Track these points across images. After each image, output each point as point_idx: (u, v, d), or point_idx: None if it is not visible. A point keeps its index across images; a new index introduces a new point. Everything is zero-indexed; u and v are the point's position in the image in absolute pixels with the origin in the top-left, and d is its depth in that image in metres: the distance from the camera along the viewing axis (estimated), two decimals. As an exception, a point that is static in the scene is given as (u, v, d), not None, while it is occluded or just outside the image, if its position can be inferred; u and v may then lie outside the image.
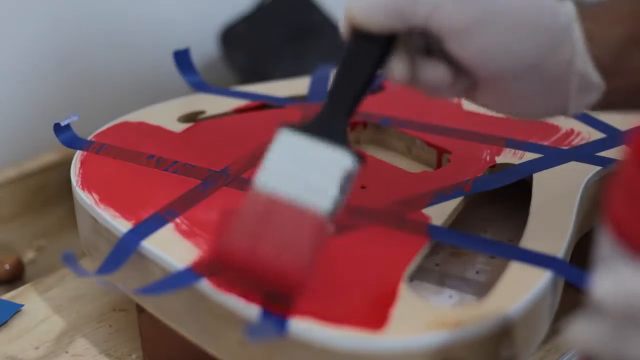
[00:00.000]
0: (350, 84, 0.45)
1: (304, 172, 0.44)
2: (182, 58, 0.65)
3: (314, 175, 0.44)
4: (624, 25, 0.43)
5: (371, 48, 0.44)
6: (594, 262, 0.36)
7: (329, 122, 0.45)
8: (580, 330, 0.33)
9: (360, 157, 0.44)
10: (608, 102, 0.45)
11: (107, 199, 0.53)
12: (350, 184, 0.44)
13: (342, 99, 0.45)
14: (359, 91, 0.45)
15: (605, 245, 0.34)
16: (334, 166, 0.44)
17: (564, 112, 0.45)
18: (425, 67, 0.44)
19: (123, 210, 0.52)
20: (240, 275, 0.44)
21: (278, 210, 0.43)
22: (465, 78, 0.44)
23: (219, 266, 0.45)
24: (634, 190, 0.33)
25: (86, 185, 0.54)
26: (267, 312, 0.44)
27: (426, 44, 0.44)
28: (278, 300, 0.44)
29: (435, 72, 0.44)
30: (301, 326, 0.43)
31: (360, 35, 0.44)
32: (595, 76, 0.43)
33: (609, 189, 0.34)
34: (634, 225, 0.33)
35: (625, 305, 0.32)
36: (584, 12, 0.43)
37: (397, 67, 0.44)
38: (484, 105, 0.46)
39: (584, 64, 0.43)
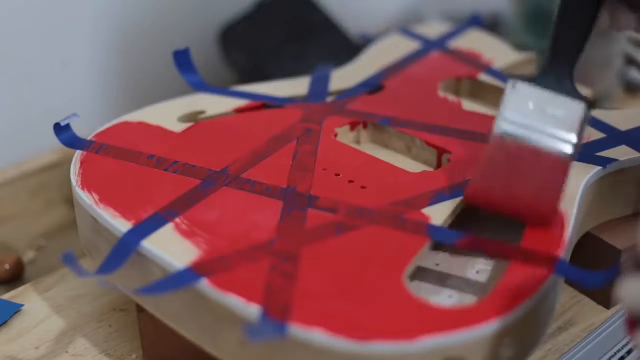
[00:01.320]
0: (571, 33, 0.49)
1: (542, 120, 0.49)
2: (182, 58, 0.65)
3: (552, 123, 0.49)
4: None
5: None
6: None
7: (557, 72, 0.50)
8: (633, 290, 0.34)
9: (590, 103, 0.50)
10: None
11: (107, 199, 0.53)
12: (585, 128, 0.50)
13: (565, 49, 0.50)
14: (581, 39, 0.49)
15: None
16: (568, 114, 0.49)
17: None
18: (620, 13, 0.51)
19: (123, 210, 0.52)
20: (495, 211, 0.51)
21: (526, 155, 0.50)
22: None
23: (472, 205, 0.52)
24: None
25: (86, 185, 0.54)
26: (266, 313, 0.44)
27: None
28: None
29: (627, 20, 0.51)
30: (301, 327, 0.43)
31: None
32: None
33: None
34: None
35: None
36: None
37: (603, 16, 0.50)
38: None
39: None
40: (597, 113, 0.64)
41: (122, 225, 0.51)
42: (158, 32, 0.84)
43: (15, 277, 0.67)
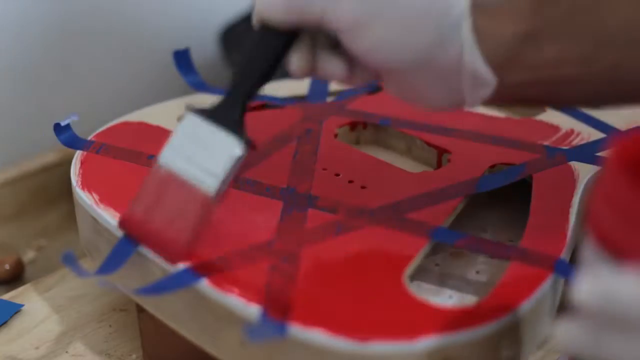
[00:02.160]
0: (250, 74, 0.48)
1: (198, 153, 0.48)
2: (182, 58, 0.65)
3: (206, 157, 0.48)
4: (519, 21, 0.43)
5: (273, 41, 0.47)
6: (578, 265, 0.36)
7: (228, 109, 0.48)
8: (564, 331, 0.34)
9: (250, 145, 0.48)
10: (506, 97, 0.46)
11: (107, 199, 0.53)
12: (237, 168, 0.48)
13: (241, 88, 0.48)
14: (257, 81, 0.48)
15: (588, 248, 0.35)
16: (224, 150, 0.48)
17: (461, 105, 0.46)
18: (322, 61, 0.47)
19: (123, 210, 0.52)
20: (139, 240, 0.49)
21: (172, 185, 0.48)
22: (366, 69, 0.46)
23: (124, 231, 0.50)
24: (613, 195, 0.33)
25: (86, 185, 0.54)
26: (266, 313, 0.44)
27: (332, 38, 0.46)
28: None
29: (330, 65, 0.47)
30: (301, 327, 0.43)
31: (265, 29, 0.47)
32: (486, 72, 0.44)
33: (592, 195, 0.35)
34: (612, 230, 0.34)
35: (603, 306, 0.32)
36: (480, 7, 0.44)
37: (294, 60, 0.47)
38: (390, 93, 0.48)
39: (474, 60, 0.44)
40: (597, 113, 0.64)
41: (122, 225, 0.51)
42: (158, 32, 0.84)
43: (15, 277, 0.67)
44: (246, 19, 0.84)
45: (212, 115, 0.48)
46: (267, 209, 0.52)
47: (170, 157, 0.49)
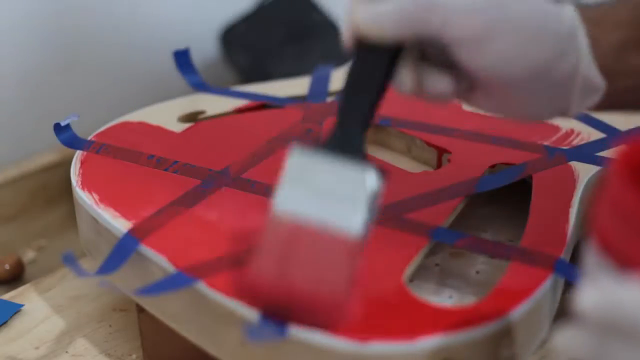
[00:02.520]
0: (362, 98, 0.43)
1: (327, 193, 0.41)
2: (182, 58, 0.65)
3: (338, 197, 0.41)
4: (623, 28, 0.44)
5: (380, 59, 0.42)
6: (580, 273, 0.36)
7: (346, 139, 0.42)
8: (565, 339, 0.34)
9: (384, 172, 0.42)
10: (607, 103, 0.46)
11: (107, 199, 0.53)
12: (377, 202, 0.42)
13: (355, 114, 0.43)
14: (372, 104, 0.43)
15: (591, 256, 0.35)
16: (358, 185, 0.41)
17: (564, 114, 0.46)
18: (430, 78, 0.43)
19: (123, 210, 0.52)
20: (274, 306, 0.42)
21: (305, 236, 0.41)
22: (464, 83, 0.44)
23: (251, 299, 0.43)
24: (618, 203, 0.33)
25: (86, 185, 0.54)
26: (267, 313, 0.44)
27: (423, 51, 0.43)
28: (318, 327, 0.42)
29: (439, 83, 0.43)
30: (301, 327, 0.43)
31: (367, 46, 0.42)
32: (598, 78, 0.44)
33: (595, 201, 0.34)
34: (616, 239, 0.33)
35: (606, 315, 0.32)
36: (586, 16, 0.44)
37: (403, 79, 0.43)
38: (478, 107, 0.46)
39: (588, 67, 0.44)
40: (597, 113, 0.64)
41: (122, 225, 0.51)
42: (158, 32, 0.84)
43: (15, 277, 0.67)
44: (246, 19, 0.84)
45: (328, 149, 0.42)
46: (267, 209, 0.52)
47: (292, 203, 0.41)
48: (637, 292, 0.32)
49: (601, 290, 0.32)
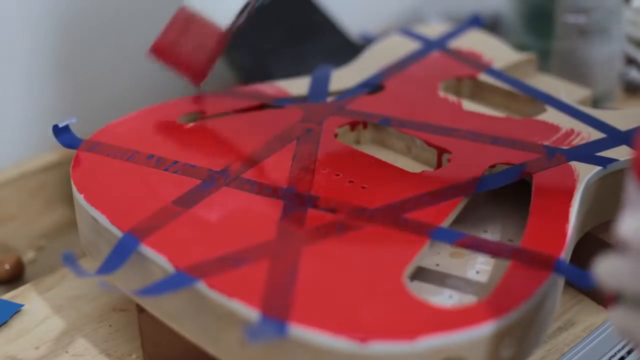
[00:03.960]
0: None
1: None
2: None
3: (222, 1, 0.62)
4: None
5: None
6: (622, 205, 0.38)
7: None
8: (606, 267, 0.37)
9: None
10: None
11: (107, 199, 0.53)
12: (248, 9, 0.63)
13: None
14: None
15: (631, 188, 0.37)
16: None
17: None
18: None
19: (123, 210, 0.52)
20: (166, 64, 0.63)
21: (195, 22, 0.63)
22: None
23: (154, 57, 0.64)
24: None
25: (86, 185, 0.54)
26: (266, 313, 0.44)
27: None
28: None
29: None
30: (301, 327, 0.43)
31: None
32: None
33: (636, 138, 0.37)
34: None
35: None
36: None
37: None
38: None
39: None
40: (597, 113, 0.64)
41: (121, 225, 0.50)
42: (158, 32, 0.84)
43: (15, 277, 0.67)
44: (246, 19, 0.84)
45: None
46: (267, 209, 0.52)
47: (194, 1, 0.63)
48: None
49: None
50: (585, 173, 0.56)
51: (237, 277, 0.46)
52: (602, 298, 0.59)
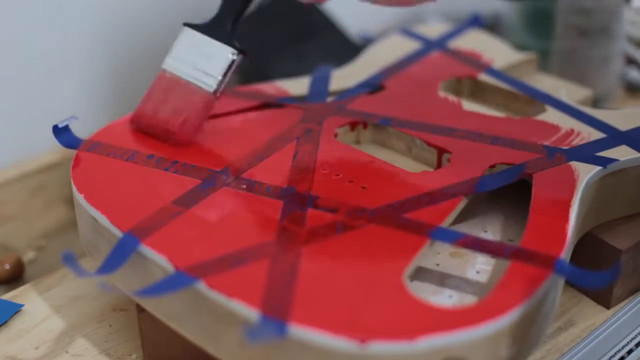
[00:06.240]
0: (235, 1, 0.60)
1: (199, 60, 0.60)
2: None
3: (205, 63, 0.59)
4: None
5: None
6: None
7: (220, 24, 0.60)
8: None
9: (242, 52, 0.60)
10: None
11: (107, 199, 0.53)
12: (232, 71, 0.60)
13: (230, 7, 0.60)
14: (243, 5, 0.60)
15: None
16: (221, 57, 0.59)
17: None
18: None
19: (122, 210, 0.52)
20: (148, 132, 0.60)
21: (177, 86, 0.59)
22: None
23: (134, 125, 0.60)
24: None
25: (86, 185, 0.54)
26: (266, 313, 0.44)
27: None
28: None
29: None
30: (301, 327, 0.43)
31: None
32: None
33: None
34: None
35: None
36: None
37: None
38: None
39: None
40: (597, 113, 0.64)
41: (121, 225, 0.50)
42: (158, 32, 0.84)
43: (15, 277, 0.67)
44: (246, 19, 0.84)
45: (208, 29, 0.60)
46: (267, 209, 0.52)
47: (174, 64, 0.60)
48: None
49: None
50: (585, 173, 0.56)
51: (237, 277, 0.46)
52: (603, 298, 0.59)
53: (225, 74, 0.59)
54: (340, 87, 0.68)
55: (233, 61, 0.59)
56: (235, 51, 0.59)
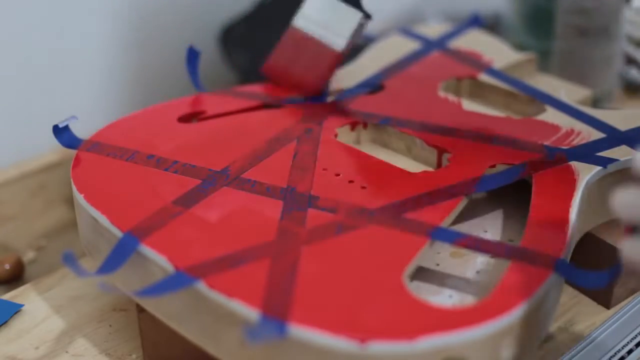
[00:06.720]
0: None
1: (329, 20, 0.65)
2: (193, 56, 0.65)
3: (335, 23, 0.64)
4: None
5: None
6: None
7: None
8: (623, 199, 0.39)
9: (368, 16, 0.64)
10: None
11: (106, 199, 0.53)
12: (360, 31, 0.65)
13: None
14: None
15: None
16: (350, 19, 0.64)
17: None
18: None
19: (122, 210, 0.52)
20: (279, 83, 0.66)
21: (308, 43, 0.65)
22: None
23: (266, 75, 0.66)
24: None
25: (86, 185, 0.54)
26: (266, 313, 0.44)
27: None
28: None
29: None
30: (301, 327, 0.43)
31: None
32: None
33: None
34: None
35: None
36: None
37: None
38: None
39: None
40: (597, 113, 0.64)
41: (121, 225, 0.50)
42: (158, 32, 0.84)
43: (15, 277, 0.67)
44: (246, 19, 0.84)
45: None
46: (267, 209, 0.52)
47: (305, 22, 0.65)
48: None
49: None
50: (585, 173, 0.56)
51: (237, 277, 0.46)
52: (603, 298, 0.59)
53: (352, 36, 0.64)
54: (340, 87, 0.68)
55: (361, 25, 0.64)
56: (364, 13, 0.64)
